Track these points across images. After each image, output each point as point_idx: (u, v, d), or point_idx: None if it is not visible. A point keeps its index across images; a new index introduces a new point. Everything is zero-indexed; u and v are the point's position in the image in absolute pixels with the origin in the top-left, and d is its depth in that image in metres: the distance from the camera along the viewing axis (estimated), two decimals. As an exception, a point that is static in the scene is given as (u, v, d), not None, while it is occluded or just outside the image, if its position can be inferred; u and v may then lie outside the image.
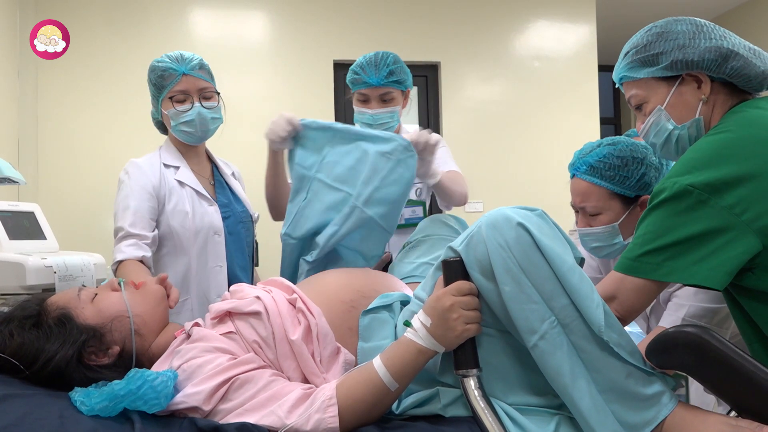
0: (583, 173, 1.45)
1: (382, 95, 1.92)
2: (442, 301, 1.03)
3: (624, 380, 0.98)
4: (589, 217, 1.46)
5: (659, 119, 1.21)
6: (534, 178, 4.54)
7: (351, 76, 1.93)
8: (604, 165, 1.42)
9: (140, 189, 1.70)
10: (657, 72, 1.20)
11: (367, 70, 1.90)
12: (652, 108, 1.22)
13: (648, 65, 1.21)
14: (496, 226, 1.02)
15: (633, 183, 1.42)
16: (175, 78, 1.80)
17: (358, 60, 1.94)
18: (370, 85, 1.89)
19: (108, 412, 0.99)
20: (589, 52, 4.73)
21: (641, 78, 1.22)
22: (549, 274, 1.00)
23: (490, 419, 0.98)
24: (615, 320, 1.00)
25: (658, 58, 1.19)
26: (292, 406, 1.03)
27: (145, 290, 1.24)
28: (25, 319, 1.13)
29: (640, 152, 1.44)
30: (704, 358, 0.92)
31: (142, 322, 1.18)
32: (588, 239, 1.48)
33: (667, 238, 1.03)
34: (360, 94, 1.93)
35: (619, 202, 1.43)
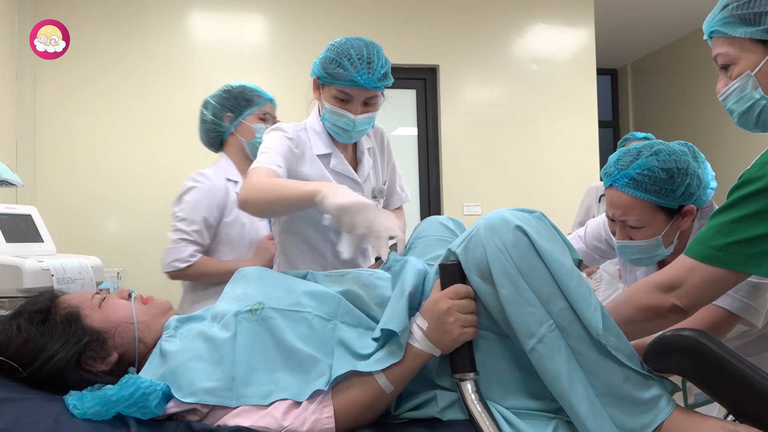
0: (624, 186, 1.36)
1: (369, 98, 1.64)
2: (439, 305, 1.03)
3: (622, 384, 0.98)
4: (629, 229, 1.39)
5: (746, 85, 1.10)
6: (532, 181, 4.55)
7: (334, 68, 1.58)
8: (648, 179, 1.34)
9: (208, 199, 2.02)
10: (756, 33, 1.08)
11: (359, 67, 1.58)
12: (741, 71, 1.11)
13: (747, 24, 1.09)
14: (495, 229, 1.02)
15: (678, 195, 1.35)
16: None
17: (343, 48, 1.60)
18: (359, 85, 1.58)
19: (100, 416, 0.99)
20: (588, 56, 4.74)
21: (736, 36, 1.10)
22: (547, 278, 0.99)
23: (487, 423, 0.98)
24: (613, 324, 1.00)
25: (762, 18, 1.07)
26: (287, 407, 1.03)
27: (152, 303, 1.24)
28: (35, 314, 1.13)
29: (683, 161, 1.36)
30: (702, 362, 0.92)
31: (146, 329, 1.18)
32: (628, 251, 1.42)
33: (763, 228, 0.97)
34: (342, 92, 1.60)
35: (663, 214, 1.37)
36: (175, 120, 4.09)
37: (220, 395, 1.04)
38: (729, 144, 5.17)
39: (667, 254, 1.42)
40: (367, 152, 1.81)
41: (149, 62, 4.11)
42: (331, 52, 1.60)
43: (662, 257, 1.42)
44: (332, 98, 1.62)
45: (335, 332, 1.12)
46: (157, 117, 4.09)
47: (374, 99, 1.65)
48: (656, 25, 5.55)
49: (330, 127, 1.67)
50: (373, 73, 1.59)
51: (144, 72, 4.10)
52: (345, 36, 1.67)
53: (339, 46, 1.61)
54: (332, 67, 1.58)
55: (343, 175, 1.73)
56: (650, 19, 5.43)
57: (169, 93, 4.10)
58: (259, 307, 1.12)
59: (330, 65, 1.59)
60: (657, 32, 5.73)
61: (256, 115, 2.18)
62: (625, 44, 6.09)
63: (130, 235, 4.02)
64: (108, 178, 4.02)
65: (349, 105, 1.62)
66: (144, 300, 1.24)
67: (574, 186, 4.26)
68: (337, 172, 1.72)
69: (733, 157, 4.74)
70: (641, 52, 6.37)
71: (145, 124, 4.09)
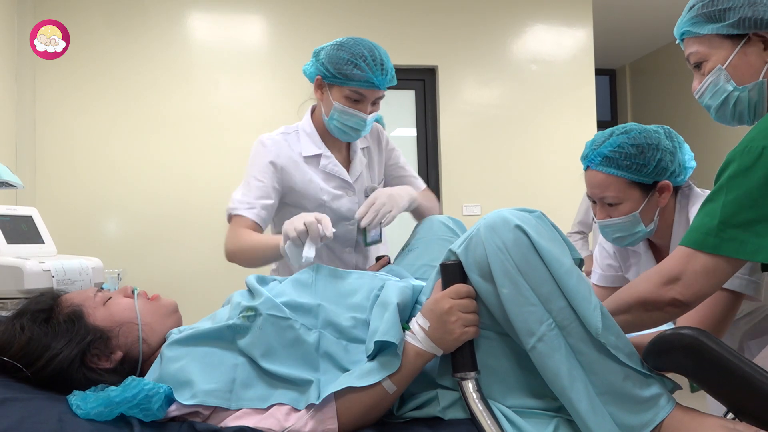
0: (598, 165, 1.43)
1: (378, 98, 1.67)
2: (441, 304, 1.03)
3: (621, 382, 0.98)
4: (608, 207, 1.45)
5: (718, 79, 1.14)
6: (531, 181, 4.55)
7: (350, 69, 1.59)
8: (619, 155, 1.41)
9: None
10: (722, 29, 1.11)
11: (374, 68, 1.60)
12: (712, 67, 1.14)
13: (713, 21, 1.13)
14: (495, 229, 1.02)
15: (650, 170, 1.40)
16: None
17: (356, 49, 1.61)
18: (374, 86, 1.61)
19: (103, 417, 0.99)
20: (586, 56, 4.74)
21: (704, 34, 1.14)
22: (546, 277, 1.00)
23: (489, 422, 0.98)
24: (612, 322, 1.00)
25: (726, 14, 1.11)
26: (289, 410, 1.04)
27: (157, 302, 1.24)
28: (38, 313, 1.13)
29: (653, 138, 1.42)
30: (701, 360, 0.92)
31: (150, 330, 1.18)
32: (609, 230, 1.47)
33: (757, 210, 0.96)
34: (355, 93, 1.62)
35: (638, 190, 1.42)
36: (174, 120, 4.10)
37: (220, 397, 1.05)
38: (726, 143, 5.18)
39: (647, 231, 1.46)
40: (361, 152, 1.82)
41: (149, 63, 4.11)
42: (344, 53, 1.60)
43: (643, 234, 1.46)
44: (344, 98, 1.63)
45: (320, 342, 1.12)
46: (156, 118, 4.09)
47: (381, 99, 1.68)
48: (654, 26, 5.56)
49: (337, 126, 1.68)
50: (386, 73, 1.63)
51: (144, 73, 4.10)
52: (345, 37, 1.68)
53: (351, 46, 1.61)
54: (348, 68, 1.59)
55: (332, 175, 1.76)
56: (648, 20, 5.44)
57: (169, 93, 4.11)
58: (251, 314, 1.12)
59: (345, 66, 1.59)
60: (655, 33, 5.74)
61: None
62: (624, 45, 6.10)
63: (129, 237, 4.02)
64: (107, 179, 4.02)
65: (360, 105, 1.64)
66: (150, 297, 1.24)
67: (573, 186, 4.26)
68: (327, 173, 1.75)
69: (731, 157, 4.75)
70: (639, 53, 6.38)
71: (145, 124, 4.09)
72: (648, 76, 6.46)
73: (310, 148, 1.75)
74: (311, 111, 1.82)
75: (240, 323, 1.11)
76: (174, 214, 4.06)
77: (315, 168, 1.74)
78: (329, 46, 1.65)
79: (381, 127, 1.92)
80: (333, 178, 1.76)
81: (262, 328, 1.10)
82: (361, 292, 1.21)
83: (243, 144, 4.18)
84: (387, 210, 1.58)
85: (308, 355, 1.11)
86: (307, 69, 1.71)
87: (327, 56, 1.63)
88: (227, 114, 4.19)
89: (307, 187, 1.73)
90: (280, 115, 4.30)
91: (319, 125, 1.77)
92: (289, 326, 1.11)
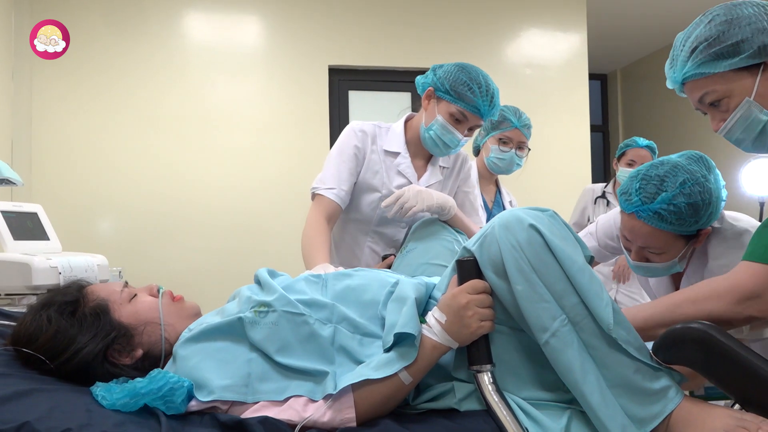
0: (646, 218, 1.35)
1: (476, 125, 1.78)
2: (458, 299, 1.06)
3: (632, 375, 1.02)
4: (647, 253, 1.40)
5: (749, 112, 1.11)
6: (526, 184, 4.58)
7: (465, 90, 1.70)
8: (673, 215, 1.32)
9: None
10: (740, 62, 1.08)
11: (485, 98, 1.72)
12: (738, 102, 1.11)
13: (727, 57, 1.09)
14: (509, 227, 1.05)
15: (701, 224, 1.34)
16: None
17: (475, 75, 1.73)
18: (480, 113, 1.73)
19: (128, 407, 1.01)
20: (580, 61, 4.80)
21: (717, 72, 1.11)
22: (560, 274, 1.03)
23: (504, 412, 1.01)
24: (623, 318, 1.04)
25: (740, 47, 1.08)
26: (306, 401, 1.06)
27: (181, 304, 1.25)
28: (65, 305, 1.14)
29: (707, 191, 1.33)
30: (711, 353, 0.96)
31: (173, 331, 1.19)
32: (643, 270, 1.44)
33: None
34: (461, 113, 1.72)
35: (683, 240, 1.37)
36: (170, 119, 4.11)
37: (237, 391, 1.07)
38: (715, 146, 5.25)
39: (680, 270, 1.44)
40: (439, 168, 1.89)
41: (146, 62, 4.11)
42: (464, 74, 1.71)
43: (675, 271, 1.44)
44: (448, 114, 1.72)
45: (335, 336, 1.14)
46: (152, 116, 4.10)
47: (478, 127, 1.79)
48: (645, 32, 5.64)
49: (432, 138, 1.76)
50: (492, 106, 1.74)
51: (140, 72, 4.10)
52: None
53: (471, 71, 1.73)
54: (463, 89, 1.69)
55: (401, 175, 1.83)
56: (640, 26, 5.51)
57: (166, 92, 4.12)
58: (264, 309, 1.14)
59: (462, 86, 1.70)
60: (646, 39, 5.81)
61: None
62: (615, 50, 6.17)
63: (126, 234, 4.02)
64: (104, 178, 4.02)
65: (460, 125, 1.74)
66: (174, 298, 1.25)
67: (567, 188, 4.32)
68: (398, 171, 1.82)
69: (721, 160, 4.82)
70: (631, 58, 6.46)
71: (141, 123, 4.09)
72: (639, 81, 6.54)
73: (392, 145, 1.83)
74: (407, 118, 1.90)
75: (251, 317, 1.12)
76: (170, 212, 4.07)
77: (389, 163, 1.82)
78: (450, 65, 1.75)
79: (467, 154, 2.01)
80: (401, 177, 1.82)
81: (276, 324, 1.12)
82: (372, 288, 1.23)
83: (239, 143, 4.24)
84: (411, 205, 1.62)
85: (323, 349, 1.12)
86: (421, 80, 1.80)
87: (446, 73, 1.73)
88: (223, 113, 4.20)
89: (373, 177, 1.81)
90: (277, 114, 4.34)
91: (411, 132, 1.86)
92: (304, 321, 1.13)
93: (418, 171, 1.86)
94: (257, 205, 4.18)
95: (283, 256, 2.90)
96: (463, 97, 1.69)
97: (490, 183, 2.57)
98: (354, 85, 4.46)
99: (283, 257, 2.86)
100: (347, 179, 1.77)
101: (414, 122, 1.87)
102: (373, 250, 1.87)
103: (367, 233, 1.86)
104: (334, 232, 1.88)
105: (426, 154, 1.88)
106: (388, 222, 1.83)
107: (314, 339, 1.13)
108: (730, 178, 4.08)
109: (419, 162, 1.88)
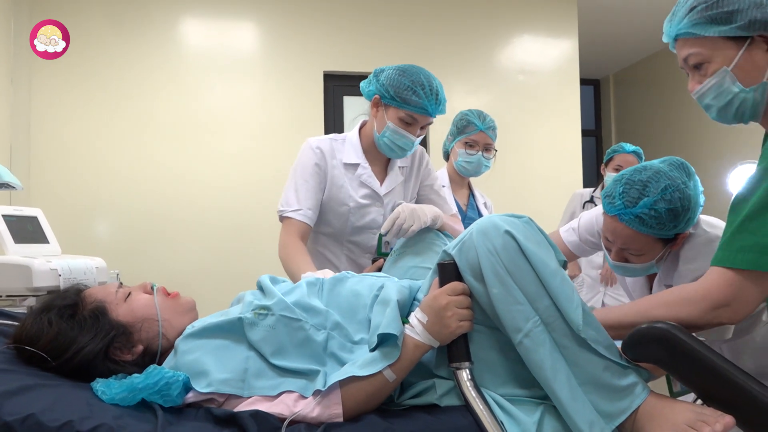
0: (628, 221, 1.40)
1: (426, 124, 1.82)
2: (438, 300, 1.12)
3: (601, 373, 1.08)
4: (627, 254, 1.46)
5: (723, 81, 1.14)
6: (518, 189, 4.65)
7: (409, 95, 1.75)
8: (654, 219, 1.37)
9: None
10: (729, 31, 1.11)
11: (430, 98, 1.76)
12: (716, 69, 1.14)
13: (718, 23, 1.12)
14: (486, 233, 1.12)
15: (680, 228, 1.39)
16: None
17: (416, 77, 1.76)
18: (428, 113, 1.78)
19: (126, 401, 1.07)
20: (571, 66, 4.87)
21: (706, 36, 1.13)
22: (533, 278, 1.09)
23: (481, 407, 1.07)
24: (593, 319, 1.10)
25: (733, 17, 1.10)
26: (297, 397, 1.13)
27: (176, 300, 1.30)
28: (64, 308, 1.19)
29: (686, 197, 1.38)
30: (674, 351, 1.02)
31: (170, 326, 1.25)
32: (621, 269, 1.49)
33: None
34: (409, 116, 1.77)
35: (662, 243, 1.43)
36: (168, 123, 4.15)
37: (233, 385, 1.13)
38: (705, 151, 5.34)
39: (657, 270, 1.51)
40: (398, 169, 1.95)
41: (144, 66, 4.15)
42: (406, 79, 1.75)
43: (652, 272, 1.51)
44: (398, 119, 1.78)
45: (328, 343, 1.21)
46: (150, 120, 4.14)
47: (430, 125, 1.82)
48: (637, 38, 5.71)
49: (387, 143, 1.82)
50: (439, 103, 1.78)
51: (139, 76, 4.14)
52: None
53: (412, 74, 1.76)
54: (407, 93, 1.74)
55: (364, 185, 1.88)
56: (632, 32, 5.59)
57: (163, 96, 4.16)
58: (264, 312, 1.20)
59: (405, 91, 1.74)
60: (638, 44, 5.89)
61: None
62: (608, 55, 6.24)
63: (125, 237, 4.06)
64: (102, 181, 4.05)
65: (411, 127, 1.79)
66: (170, 294, 1.31)
67: (558, 193, 4.38)
68: (360, 182, 1.88)
69: (710, 164, 4.89)
70: (623, 63, 6.54)
71: (139, 127, 4.13)
72: (631, 86, 6.61)
73: (350, 157, 1.88)
74: (360, 125, 1.95)
75: (251, 318, 1.19)
76: (167, 214, 4.11)
77: (351, 176, 1.88)
78: (391, 69, 1.79)
79: (424, 149, 2.06)
80: (364, 188, 1.88)
81: (274, 327, 1.19)
82: (362, 293, 1.30)
83: (236, 146, 4.29)
84: (409, 225, 1.66)
85: (316, 353, 1.19)
86: (365, 86, 1.84)
87: (388, 79, 1.77)
88: (220, 117, 4.25)
89: (339, 191, 1.86)
90: (272, 118, 4.40)
91: (366, 139, 1.91)
92: (300, 327, 1.20)
93: (378, 177, 1.92)
94: (253, 208, 4.24)
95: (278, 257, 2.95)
96: (408, 101, 1.74)
97: (462, 186, 2.62)
98: (348, 91, 4.52)
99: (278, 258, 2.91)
100: (311, 197, 1.81)
101: (367, 129, 1.92)
102: (350, 259, 1.94)
103: (342, 244, 1.93)
104: (309, 247, 1.92)
105: (384, 158, 1.93)
106: (361, 231, 1.90)
107: (308, 344, 1.19)
108: (719, 182, 4.16)
109: (378, 168, 1.93)
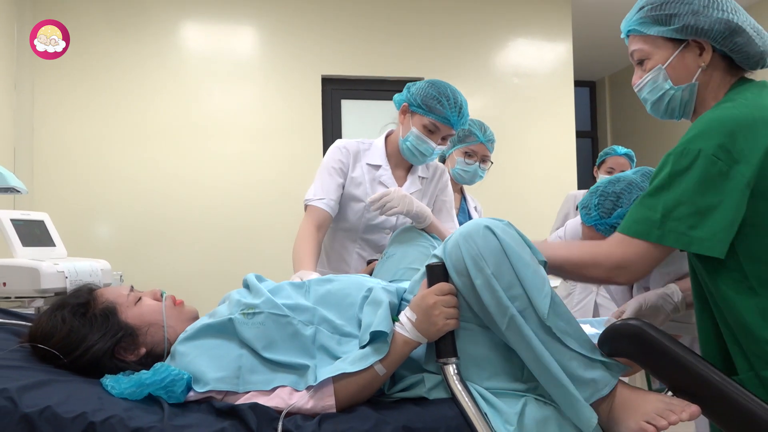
0: (604, 231, 1.49)
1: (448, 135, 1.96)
2: (426, 300, 1.20)
3: (567, 363, 1.15)
4: None
5: (657, 77, 1.26)
6: (513, 190, 4.71)
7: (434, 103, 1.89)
8: (608, 227, 1.48)
9: None
10: (666, 32, 1.23)
11: (453, 109, 1.90)
12: (653, 65, 1.26)
13: (659, 24, 1.24)
14: (469, 232, 1.20)
15: None
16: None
17: (443, 89, 1.91)
18: (450, 123, 1.91)
19: (134, 396, 1.14)
20: (566, 69, 4.94)
21: (649, 34, 1.25)
22: (508, 268, 1.17)
23: (467, 400, 1.14)
24: (564, 311, 1.17)
25: (671, 19, 1.22)
26: (292, 389, 1.20)
27: (181, 308, 1.38)
28: (77, 307, 1.27)
29: (637, 187, 1.48)
30: (644, 346, 1.10)
31: (173, 332, 1.32)
32: None
33: (692, 206, 1.10)
34: (433, 124, 1.91)
35: None
36: (168, 126, 4.21)
37: (229, 382, 1.21)
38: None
39: None
40: (418, 178, 2.07)
41: (144, 69, 4.22)
42: (434, 90, 1.91)
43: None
44: (422, 126, 1.92)
45: (317, 336, 1.28)
46: (152, 123, 4.20)
47: (450, 137, 1.97)
48: (631, 40, 5.77)
49: (409, 148, 1.95)
50: (461, 116, 1.92)
51: (140, 79, 4.20)
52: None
53: (440, 86, 1.92)
54: (433, 102, 1.89)
55: (384, 185, 2.00)
56: (625, 35, 5.65)
57: (166, 100, 4.22)
58: (252, 311, 1.27)
59: (431, 100, 1.90)
60: (632, 47, 5.95)
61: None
62: (603, 58, 6.30)
63: (127, 240, 4.12)
64: (105, 184, 4.11)
65: (433, 135, 1.93)
66: (176, 301, 1.38)
67: (553, 195, 4.44)
68: (379, 182, 2.00)
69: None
70: (618, 66, 6.60)
71: (141, 131, 4.19)
72: (626, 88, 6.65)
73: (374, 158, 2.03)
74: (387, 134, 2.10)
75: (240, 318, 1.26)
76: (169, 217, 4.18)
77: (372, 175, 2.01)
78: (422, 82, 1.96)
79: (445, 168, 2.19)
80: (383, 188, 1.99)
81: (263, 324, 1.26)
82: (350, 292, 1.38)
83: (236, 149, 4.36)
84: (393, 205, 1.77)
85: (306, 346, 1.27)
86: (397, 97, 2.00)
87: (418, 89, 1.93)
88: (220, 120, 4.32)
89: (357, 188, 1.99)
90: (271, 122, 4.47)
91: (391, 145, 2.05)
92: (288, 322, 1.28)
93: (398, 181, 2.03)
94: (253, 210, 4.31)
95: (277, 259, 3.04)
96: (433, 109, 1.89)
97: (455, 191, 2.72)
98: (346, 94, 4.60)
99: (277, 260, 2.99)
100: (335, 190, 1.95)
101: (393, 137, 2.06)
102: (360, 256, 2.04)
103: (355, 240, 2.03)
104: (325, 242, 2.04)
105: (406, 165, 2.05)
106: (374, 229, 2.00)
107: (297, 337, 1.27)
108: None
109: (400, 173, 2.05)
